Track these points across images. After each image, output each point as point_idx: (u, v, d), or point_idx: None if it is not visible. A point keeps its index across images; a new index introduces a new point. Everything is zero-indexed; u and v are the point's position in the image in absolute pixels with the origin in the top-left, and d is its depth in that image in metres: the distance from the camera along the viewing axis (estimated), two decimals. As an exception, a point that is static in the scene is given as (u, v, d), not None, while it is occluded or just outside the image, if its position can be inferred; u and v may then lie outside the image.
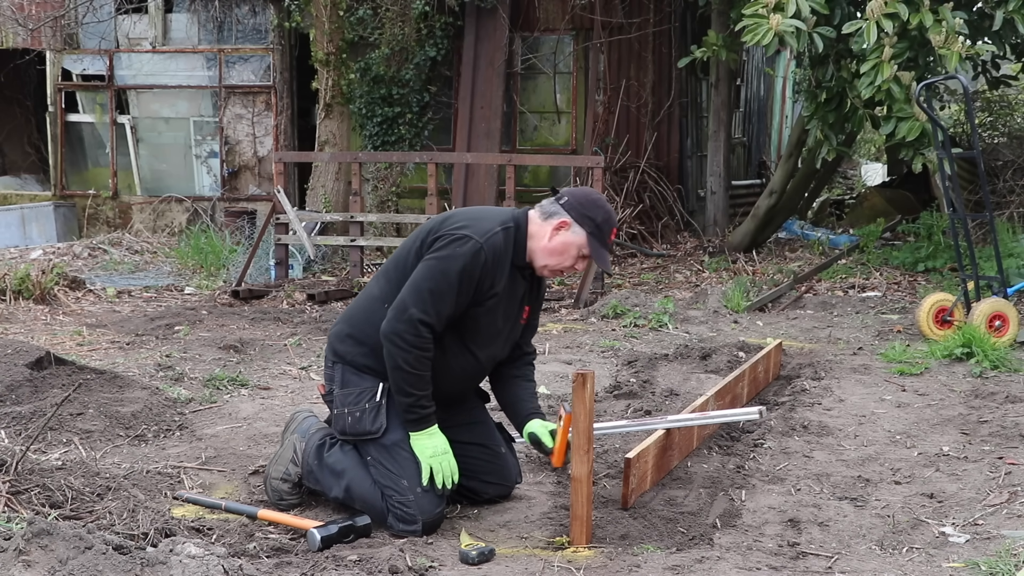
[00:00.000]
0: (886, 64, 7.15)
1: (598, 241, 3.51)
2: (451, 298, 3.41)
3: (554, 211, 3.53)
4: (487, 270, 3.43)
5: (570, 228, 3.51)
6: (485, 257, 3.41)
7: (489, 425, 3.83)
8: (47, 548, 2.58)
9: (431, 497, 3.45)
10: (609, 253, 3.59)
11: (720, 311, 7.66)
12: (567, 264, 3.56)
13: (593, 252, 3.52)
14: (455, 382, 3.65)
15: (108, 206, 13.52)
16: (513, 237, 3.52)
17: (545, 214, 3.55)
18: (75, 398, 4.54)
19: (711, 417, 4.23)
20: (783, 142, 15.48)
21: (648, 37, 11.63)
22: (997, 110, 12.46)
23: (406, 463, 3.47)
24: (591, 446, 3.38)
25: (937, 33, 6.96)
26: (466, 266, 3.39)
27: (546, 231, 3.52)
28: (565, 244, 3.52)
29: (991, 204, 7.01)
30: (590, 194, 3.62)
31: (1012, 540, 3.26)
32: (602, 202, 3.59)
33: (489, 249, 3.42)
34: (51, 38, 13.38)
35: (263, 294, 8.89)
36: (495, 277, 3.47)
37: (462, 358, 3.59)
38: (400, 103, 11.84)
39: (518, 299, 3.63)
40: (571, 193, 3.58)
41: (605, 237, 3.53)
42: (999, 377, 5.51)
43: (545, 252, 3.53)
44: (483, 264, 3.41)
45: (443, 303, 3.40)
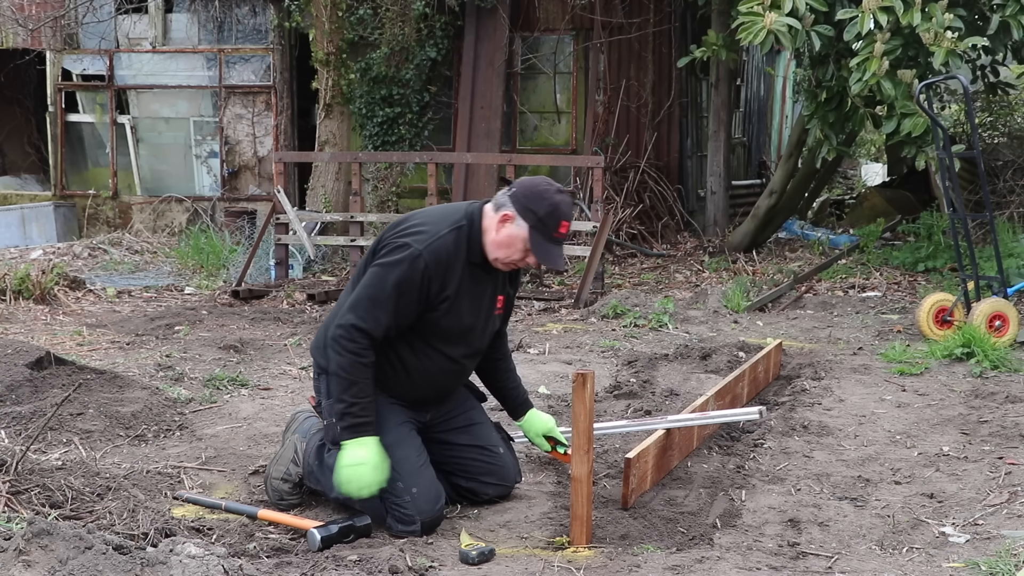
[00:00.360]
0: (875, 59, 7.14)
1: (541, 235, 3.39)
2: (390, 306, 3.38)
3: (502, 203, 3.44)
4: (430, 276, 3.39)
5: (513, 221, 3.41)
6: (425, 264, 3.37)
7: (487, 426, 3.83)
8: (47, 548, 2.58)
9: (428, 496, 3.44)
10: (556, 246, 3.43)
11: (720, 311, 7.66)
12: (516, 258, 3.46)
13: (534, 247, 3.40)
14: (435, 383, 3.64)
15: (108, 206, 13.52)
16: (467, 235, 3.46)
17: (496, 205, 3.47)
18: (75, 398, 4.54)
19: (711, 417, 4.23)
20: (783, 142, 15.48)
21: (648, 37, 11.64)
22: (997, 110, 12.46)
23: (400, 463, 3.46)
24: (591, 446, 3.37)
25: (926, 31, 6.97)
26: (404, 274, 3.37)
27: (494, 224, 3.45)
28: (510, 237, 3.42)
29: (991, 204, 7.01)
30: (537, 185, 3.46)
31: (1012, 540, 3.26)
32: (548, 194, 3.42)
33: (430, 255, 3.38)
34: (51, 38, 13.38)
35: (263, 294, 8.89)
36: (444, 280, 3.43)
37: (433, 359, 3.57)
38: (400, 103, 11.84)
39: (486, 293, 3.58)
40: (519, 184, 3.48)
41: (550, 231, 3.40)
42: (999, 377, 5.51)
43: (493, 245, 3.46)
44: (423, 271, 3.37)
45: (381, 311, 3.38)
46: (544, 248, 3.41)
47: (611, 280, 9.37)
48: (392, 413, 3.56)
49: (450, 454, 3.69)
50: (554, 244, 3.43)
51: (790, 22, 7.27)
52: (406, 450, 3.51)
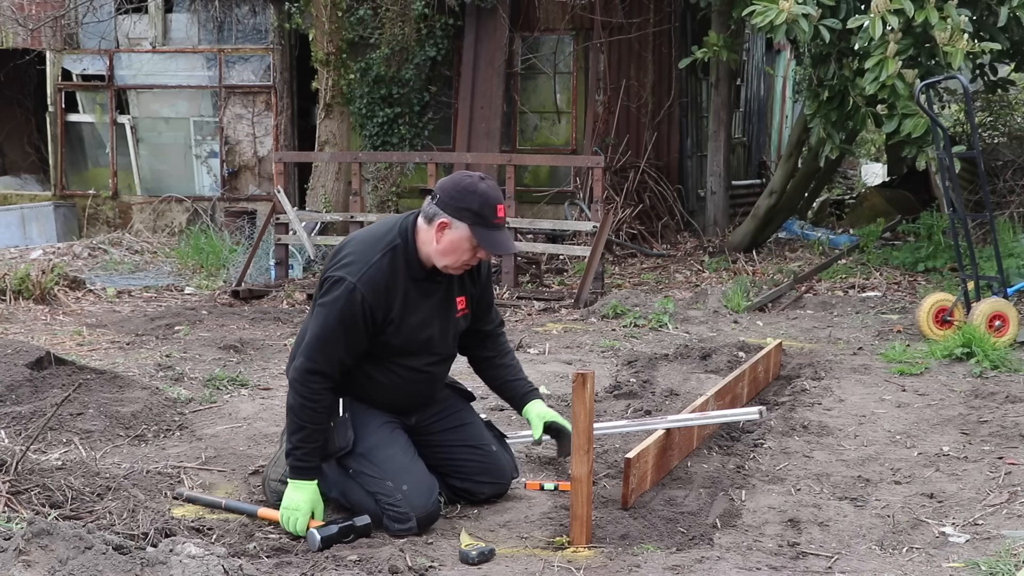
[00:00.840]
0: (891, 60, 7.14)
1: (483, 227, 3.37)
2: (339, 343, 3.40)
3: (433, 213, 3.42)
4: (370, 306, 3.39)
5: (451, 226, 3.39)
6: (362, 295, 3.37)
7: (477, 425, 3.80)
8: (47, 548, 2.58)
9: (419, 491, 3.44)
10: (500, 232, 3.41)
11: (720, 311, 7.66)
12: (466, 258, 3.44)
13: (481, 241, 3.39)
14: (408, 393, 3.62)
15: (108, 206, 13.52)
16: (402, 253, 3.45)
17: (427, 217, 3.44)
18: (75, 398, 4.54)
19: (711, 417, 4.23)
20: (783, 142, 15.49)
21: (648, 37, 11.64)
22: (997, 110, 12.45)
23: (386, 463, 3.47)
24: (591, 446, 3.37)
25: (942, 31, 6.95)
26: (344, 310, 3.37)
27: (432, 235, 3.42)
28: (452, 243, 3.40)
29: (991, 204, 7.01)
30: (459, 183, 3.43)
31: (1012, 540, 3.26)
32: (473, 186, 3.40)
33: (364, 285, 3.37)
34: (51, 38, 13.38)
35: (263, 294, 8.89)
36: (387, 305, 3.42)
37: (400, 373, 3.56)
38: (400, 103, 11.85)
39: (438, 302, 3.56)
40: (441, 188, 3.44)
41: (489, 221, 3.37)
42: (999, 377, 5.51)
43: (439, 254, 3.43)
44: (361, 302, 3.37)
45: (331, 348, 3.40)
46: (490, 239, 3.40)
47: (611, 280, 9.37)
48: (372, 415, 3.56)
49: (442, 456, 3.68)
50: (497, 231, 3.43)
51: (807, 9, 7.26)
52: (389, 449, 3.51)
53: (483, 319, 3.78)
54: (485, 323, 3.79)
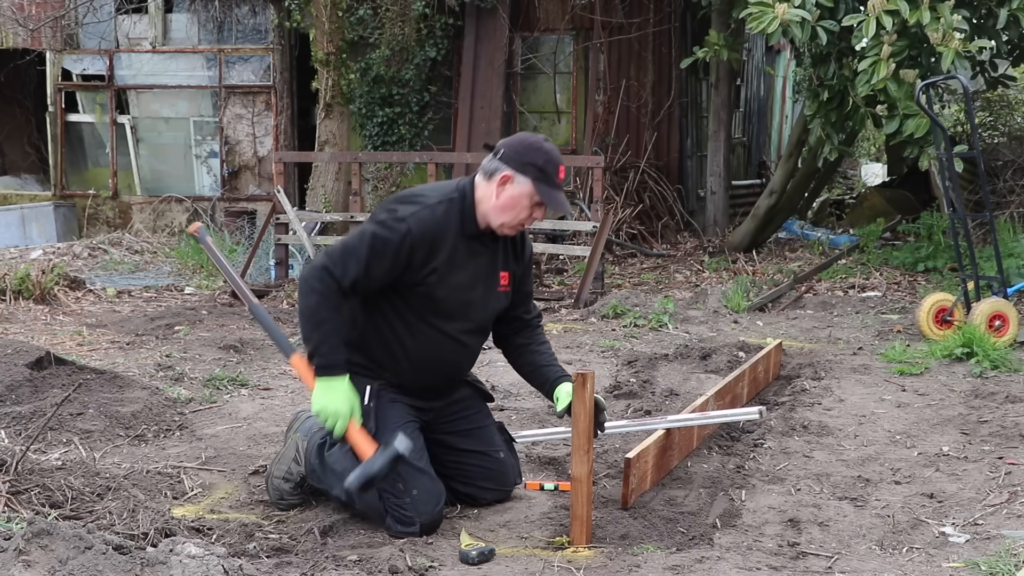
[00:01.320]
0: (883, 62, 7.14)
1: (546, 185, 3.41)
2: (361, 256, 3.36)
3: (494, 168, 3.45)
4: (412, 244, 3.37)
5: (513, 180, 3.42)
6: (407, 228, 3.37)
7: (490, 429, 3.79)
8: (47, 548, 2.58)
9: (428, 499, 3.43)
10: (559, 192, 3.47)
11: (720, 311, 7.66)
12: (523, 216, 3.47)
13: (544, 197, 3.42)
14: (435, 364, 3.59)
15: (108, 206, 13.53)
16: (459, 208, 3.46)
17: (487, 173, 3.47)
18: (75, 398, 4.54)
19: (711, 417, 4.23)
20: (783, 142, 15.48)
21: (648, 37, 11.64)
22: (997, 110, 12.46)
23: (401, 465, 3.45)
24: (591, 446, 3.37)
25: (934, 31, 6.96)
26: (384, 235, 3.36)
27: (492, 189, 3.45)
28: (514, 197, 3.43)
29: (991, 204, 7.01)
30: (525, 139, 3.49)
31: (1012, 540, 3.26)
32: (539, 143, 3.46)
33: (415, 223, 3.38)
34: (51, 38, 13.38)
35: (263, 294, 8.89)
36: (431, 251, 3.41)
37: (430, 337, 3.53)
38: (400, 103, 11.85)
39: (484, 267, 3.55)
40: (506, 144, 3.49)
41: (552, 179, 3.42)
42: (999, 377, 5.51)
43: (497, 210, 3.45)
44: (403, 235, 3.36)
45: (352, 259, 3.36)
46: (552, 196, 3.44)
47: (611, 280, 9.37)
48: (394, 412, 3.54)
49: (449, 458, 3.68)
50: (558, 191, 3.47)
51: (802, 14, 7.26)
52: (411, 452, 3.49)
53: (523, 306, 3.76)
54: (524, 311, 3.77)
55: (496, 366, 5.44)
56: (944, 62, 6.95)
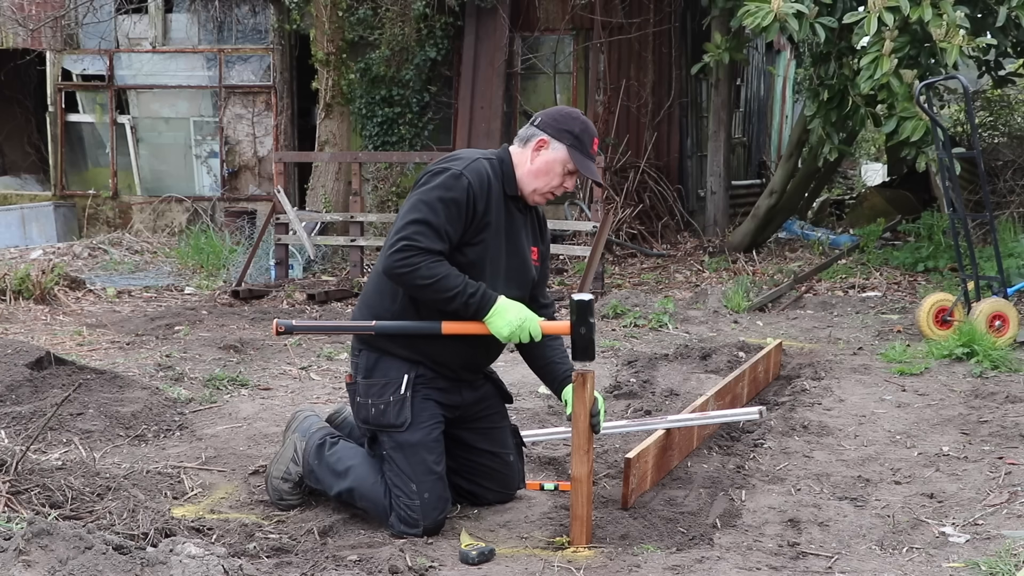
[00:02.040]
0: (886, 58, 7.13)
1: (580, 152, 3.48)
2: (439, 220, 3.34)
3: (530, 134, 3.52)
4: (472, 195, 3.38)
5: (549, 145, 3.49)
6: (468, 181, 3.38)
7: (505, 431, 3.77)
8: (47, 548, 2.58)
9: (436, 504, 3.43)
10: (592, 161, 3.54)
11: (720, 311, 7.66)
12: (555, 183, 3.52)
13: (578, 164, 3.49)
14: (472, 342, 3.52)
15: (108, 206, 13.52)
16: (500, 169, 3.51)
17: (522, 140, 3.54)
18: (75, 398, 4.54)
19: (711, 417, 4.23)
20: (783, 142, 15.48)
21: (648, 37, 11.64)
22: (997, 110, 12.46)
23: (419, 466, 3.44)
24: (591, 446, 3.37)
25: (937, 27, 6.95)
26: (447, 189, 3.36)
27: (527, 155, 3.51)
28: (548, 163, 3.49)
29: (991, 204, 7.01)
30: (563, 109, 3.62)
31: (1012, 540, 3.26)
32: (576, 114, 3.57)
33: (472, 173, 3.39)
34: (51, 38, 13.38)
35: (263, 294, 8.89)
36: (486, 203, 3.43)
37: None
38: (400, 103, 11.85)
39: (519, 234, 3.58)
40: (544, 113, 3.58)
41: (587, 147, 3.50)
42: (999, 377, 5.51)
43: (531, 175, 3.50)
44: (466, 188, 3.37)
45: (430, 226, 3.34)
46: (585, 163, 3.51)
47: (611, 280, 9.37)
48: (427, 409, 3.50)
49: (460, 453, 3.67)
50: (591, 159, 3.53)
51: (799, 7, 7.25)
52: (427, 454, 3.47)
53: (540, 288, 3.77)
54: (541, 294, 3.77)
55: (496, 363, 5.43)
56: (948, 59, 6.94)
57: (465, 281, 3.37)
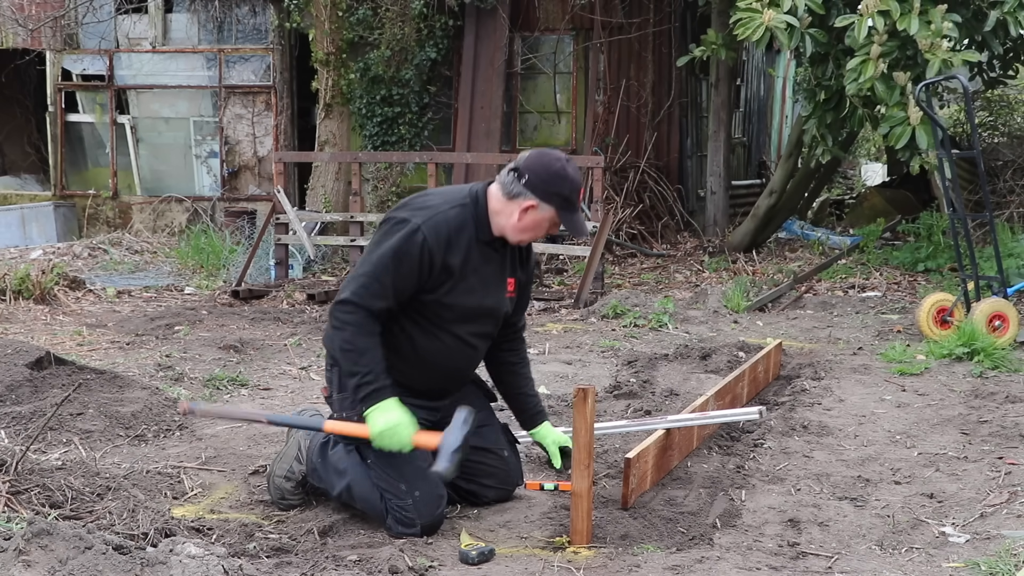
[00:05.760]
0: (871, 62, 7.13)
1: (569, 212, 3.47)
2: (387, 279, 3.37)
3: (517, 192, 3.45)
4: (430, 250, 3.39)
5: (538, 208, 3.45)
6: (423, 237, 3.37)
7: (495, 428, 3.79)
8: (47, 548, 2.58)
9: (430, 501, 3.43)
10: (579, 215, 3.53)
11: (720, 311, 7.66)
12: (541, 233, 3.55)
13: (566, 224, 3.49)
14: (446, 366, 3.60)
15: (108, 206, 13.52)
16: (472, 213, 3.48)
17: (508, 194, 3.47)
18: (75, 398, 4.54)
19: (711, 417, 4.23)
20: (783, 142, 15.48)
21: (648, 37, 11.64)
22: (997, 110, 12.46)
23: (405, 466, 3.45)
24: (591, 461, 3.37)
25: (923, 37, 6.96)
26: (402, 247, 3.37)
27: (513, 211, 3.46)
28: (536, 222, 3.48)
29: (991, 204, 7.01)
30: (550, 166, 3.45)
31: (1012, 540, 3.26)
32: (564, 170, 3.45)
33: (429, 229, 3.39)
34: (51, 38, 13.38)
35: (263, 294, 8.89)
36: (446, 256, 3.43)
37: (444, 340, 3.54)
38: (400, 103, 11.85)
39: (492, 274, 3.58)
40: (530, 170, 3.46)
41: (575, 205, 3.47)
42: (999, 377, 5.51)
43: (517, 230, 3.49)
44: (421, 244, 3.37)
45: (377, 284, 3.37)
46: (574, 222, 3.50)
47: (611, 280, 9.37)
48: None
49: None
50: (579, 213, 3.53)
51: (789, 19, 7.26)
52: (411, 453, 3.48)
53: (516, 314, 3.79)
54: (516, 318, 3.80)
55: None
56: (930, 70, 6.94)
57: (372, 369, 3.36)
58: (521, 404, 3.83)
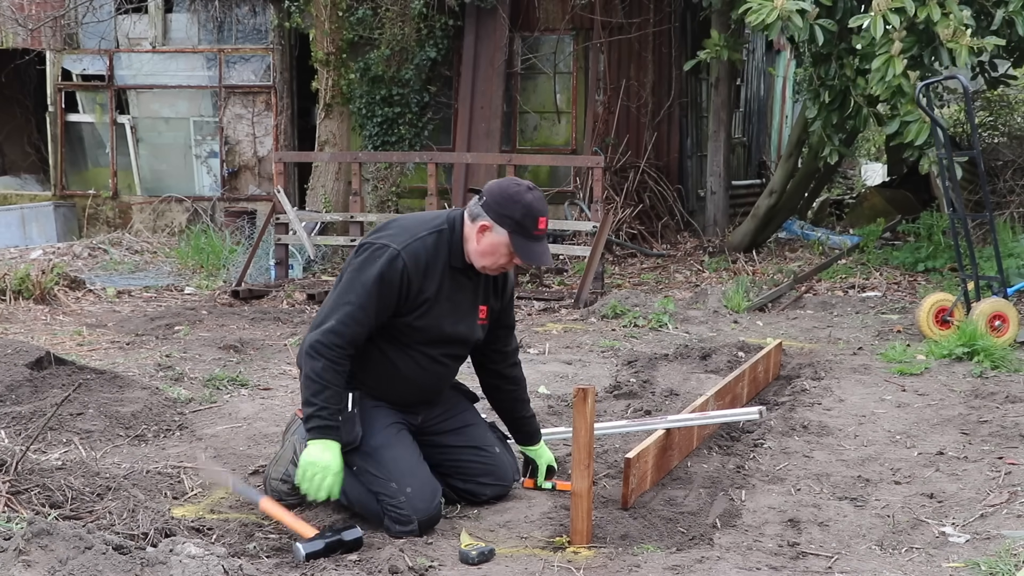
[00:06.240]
0: (897, 59, 7.11)
1: (522, 237, 3.41)
2: (370, 307, 3.39)
3: (477, 213, 3.46)
4: (409, 276, 3.40)
5: (492, 230, 3.43)
6: (404, 263, 3.39)
7: (481, 426, 3.81)
8: (47, 548, 2.58)
9: (423, 495, 3.43)
10: (539, 244, 3.45)
11: (720, 311, 7.66)
12: (503, 262, 3.49)
13: (518, 250, 3.43)
14: (419, 383, 3.62)
15: (108, 206, 13.52)
16: (447, 239, 3.49)
17: (471, 216, 3.48)
18: (75, 398, 4.54)
19: (711, 417, 4.23)
20: (783, 142, 15.48)
21: (648, 37, 11.64)
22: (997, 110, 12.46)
23: (391, 464, 3.45)
24: (591, 461, 3.37)
25: (945, 27, 6.94)
26: (382, 273, 3.38)
27: (473, 233, 3.47)
28: (492, 245, 3.45)
29: (991, 204, 7.01)
30: (506, 190, 3.46)
31: (1012, 540, 3.26)
32: (520, 195, 3.42)
33: (408, 255, 3.40)
34: (51, 38, 13.38)
35: (263, 294, 8.89)
36: (423, 282, 3.45)
37: (415, 360, 3.56)
38: (400, 103, 11.85)
39: (466, 300, 3.58)
40: (489, 192, 3.48)
41: (529, 231, 3.41)
42: (999, 377, 5.51)
43: (477, 254, 3.48)
44: (402, 271, 3.39)
45: (360, 313, 3.39)
46: (528, 249, 3.44)
47: (611, 280, 9.37)
48: (379, 415, 3.55)
49: (445, 457, 3.68)
50: (536, 242, 3.46)
51: (801, 6, 7.24)
52: (395, 450, 3.50)
53: (502, 340, 3.79)
54: (504, 344, 3.80)
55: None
56: (959, 59, 6.93)
57: (329, 407, 3.37)
58: (519, 427, 3.88)
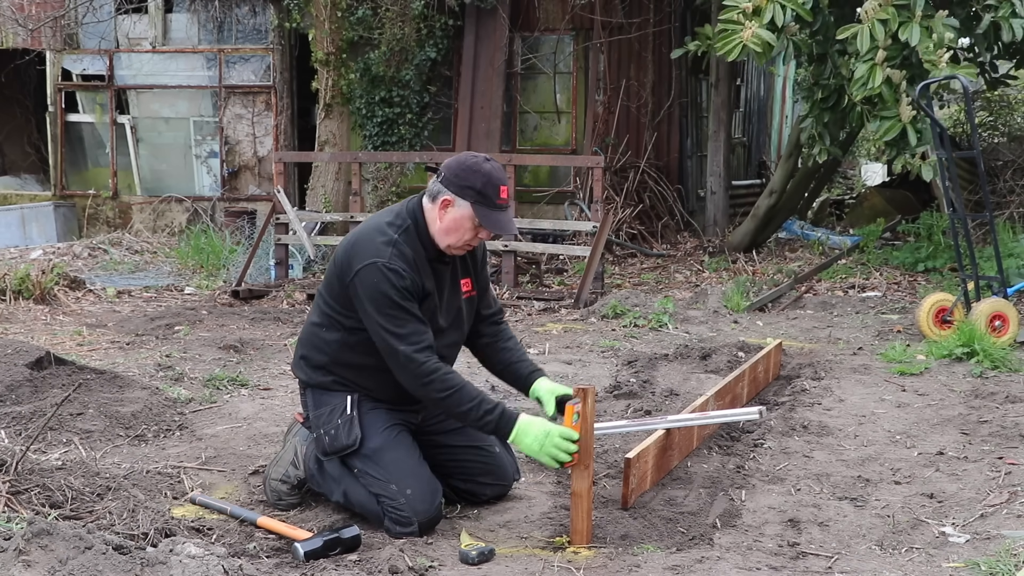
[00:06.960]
0: (879, 68, 7.14)
1: (485, 207, 3.39)
2: (411, 317, 3.37)
3: (437, 191, 3.44)
4: (412, 279, 3.40)
5: (454, 204, 3.40)
6: (401, 267, 3.38)
7: None
8: (47, 548, 2.58)
9: (423, 496, 3.43)
10: (503, 213, 3.43)
11: (720, 311, 7.66)
12: (468, 237, 3.46)
13: (483, 220, 3.40)
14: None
15: (108, 206, 13.53)
16: (416, 235, 3.47)
17: (431, 196, 3.46)
18: (75, 398, 4.54)
19: (711, 417, 4.22)
20: (783, 142, 15.49)
21: (648, 37, 11.64)
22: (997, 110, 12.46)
23: (391, 466, 3.45)
24: (591, 461, 3.37)
25: (924, 47, 6.97)
26: (396, 285, 3.36)
27: (435, 213, 3.45)
28: (455, 220, 3.42)
29: (991, 204, 7.01)
30: (464, 161, 3.45)
31: (1012, 540, 3.26)
32: (478, 165, 3.41)
33: (401, 260, 3.39)
34: (51, 38, 13.38)
35: (263, 294, 8.89)
36: (423, 278, 3.45)
37: None
38: (400, 103, 11.85)
39: (448, 283, 3.58)
40: (447, 167, 3.46)
41: (492, 200, 3.39)
42: (999, 377, 5.51)
43: (442, 233, 3.45)
44: (411, 278, 3.39)
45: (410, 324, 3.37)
46: (492, 218, 3.42)
47: (611, 280, 9.37)
48: (379, 417, 3.55)
49: (445, 456, 3.68)
50: (501, 211, 3.44)
51: (766, 36, 7.25)
52: (395, 451, 3.49)
53: (482, 301, 3.76)
54: (483, 306, 3.77)
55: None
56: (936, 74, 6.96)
57: (480, 397, 3.37)
58: (514, 373, 3.74)
